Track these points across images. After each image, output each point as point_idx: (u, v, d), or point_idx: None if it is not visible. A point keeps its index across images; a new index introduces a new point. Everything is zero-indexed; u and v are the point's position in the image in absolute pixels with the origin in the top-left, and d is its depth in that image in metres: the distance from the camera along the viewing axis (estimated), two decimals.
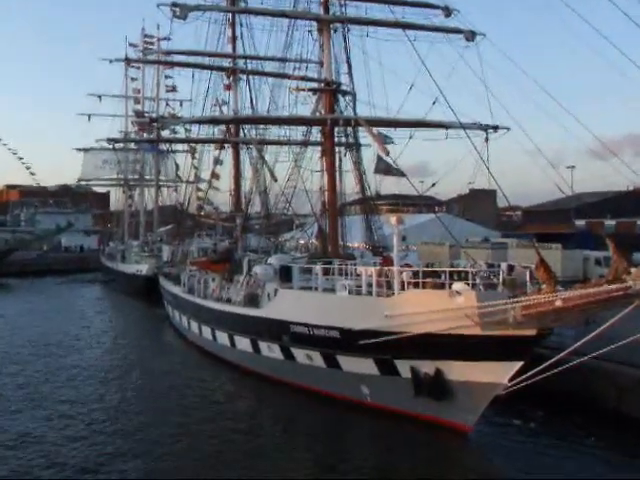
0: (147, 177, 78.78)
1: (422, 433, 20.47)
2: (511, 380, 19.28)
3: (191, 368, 30.47)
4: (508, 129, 29.32)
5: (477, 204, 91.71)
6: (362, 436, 21.31)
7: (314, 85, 31.93)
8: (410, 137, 29.05)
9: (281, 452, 19.33)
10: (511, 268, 22.27)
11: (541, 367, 18.51)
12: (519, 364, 19.16)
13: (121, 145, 69.82)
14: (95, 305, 56.01)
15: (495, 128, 29.46)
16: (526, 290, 19.84)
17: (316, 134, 31.92)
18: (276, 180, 32.29)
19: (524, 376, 18.93)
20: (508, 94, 25.91)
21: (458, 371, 20.14)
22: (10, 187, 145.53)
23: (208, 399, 24.89)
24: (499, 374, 19.40)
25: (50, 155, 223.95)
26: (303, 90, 31.20)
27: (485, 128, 29.33)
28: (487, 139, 28.79)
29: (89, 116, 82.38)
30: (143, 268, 63.05)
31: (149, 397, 25.28)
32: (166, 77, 70.29)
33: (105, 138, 58.65)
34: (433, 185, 30.30)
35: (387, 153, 25.51)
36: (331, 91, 30.73)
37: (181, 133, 55.33)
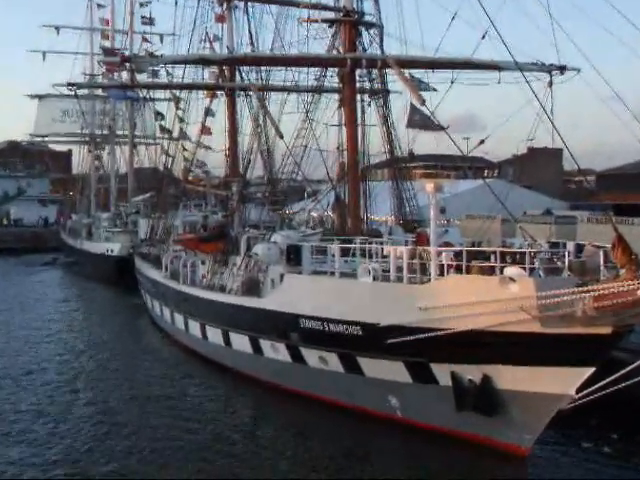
0: (119, 132, 79.12)
1: (465, 457, 20.58)
2: (579, 391, 19.30)
3: (175, 374, 30.78)
4: (578, 70, 29.13)
5: (538, 167, 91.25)
6: (391, 461, 21.41)
7: (330, 15, 31.77)
8: (452, 82, 28.90)
9: None
10: (580, 248, 22.20)
11: (618, 374, 18.50)
12: (589, 371, 19.17)
13: (85, 91, 70.14)
14: (53, 294, 56.66)
15: (562, 69, 29.25)
16: (599, 276, 19.78)
17: (332, 78, 31.87)
18: (282, 137, 32.19)
19: (596, 386, 18.88)
20: (579, 26, 25.65)
21: (511, 379, 20.18)
22: None
23: (197, 415, 25.06)
24: (564, 383, 19.42)
25: None
26: (316, 22, 31.07)
27: (549, 69, 29.12)
28: (551, 83, 28.61)
29: (44, 54, 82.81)
30: (114, 247, 63.52)
31: (120, 415, 25.22)
32: (141, 4, 70.32)
33: (65, 82, 58.55)
34: (481, 142, 30.20)
35: (422, 102, 25.28)
36: (352, 23, 30.56)
37: (162, 77, 55.28)
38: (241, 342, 29.20)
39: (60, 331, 40.19)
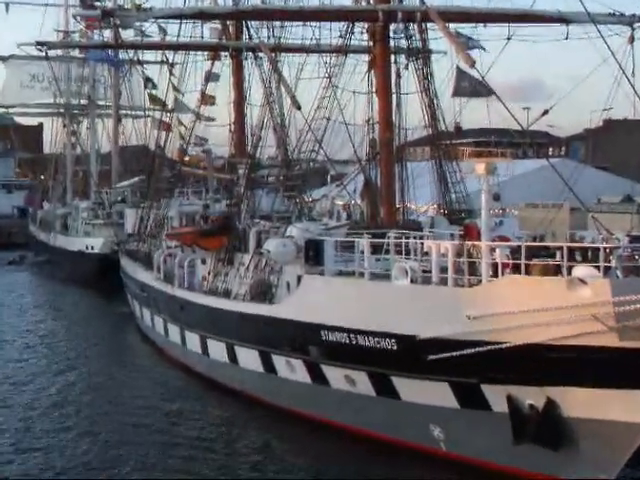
0: (100, 102, 79.50)
1: None
2: None
3: (169, 399, 31.00)
4: None
5: (615, 143, 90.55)
6: None
7: None
8: (508, 39, 28.88)
9: None
10: None
11: None
12: None
13: (59, 52, 70.41)
14: (19, 302, 56.90)
15: None
16: None
17: (361, 35, 31.86)
18: (299, 107, 32.24)
19: None
20: None
21: (582, 404, 20.17)
22: None
23: (195, 447, 25.23)
24: None
25: None
26: None
27: (629, 21, 29.01)
28: (632, 39, 28.48)
29: (7, 5, 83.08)
30: (95, 243, 63.93)
31: (110, 452, 25.43)
32: None
33: (33, 41, 58.83)
34: (545, 113, 30.13)
35: (472, 64, 25.21)
36: None
37: (153, 35, 55.36)
38: (250, 359, 29.37)
39: (28, 348, 40.49)
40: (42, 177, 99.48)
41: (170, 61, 51.31)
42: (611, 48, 23.79)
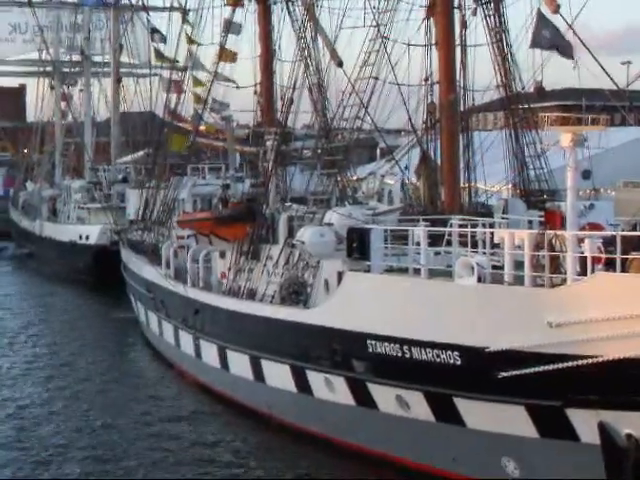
0: (96, 58, 79.92)
1: None
2: None
3: (181, 422, 31.33)
4: None
5: None
6: None
7: None
8: None
9: None
10: None
11: None
12: None
13: None
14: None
15: None
16: None
17: None
18: (341, 64, 32.37)
19: None
20: None
21: None
22: None
23: None
24: None
25: None
26: None
27: None
28: None
29: None
30: (91, 232, 64.45)
31: None
32: None
33: None
34: None
35: (556, 8, 25.17)
36: None
37: None
38: (279, 375, 29.55)
39: (11, 364, 40.97)
40: (25, 151, 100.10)
41: (183, 7, 51.45)
42: None
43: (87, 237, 64.77)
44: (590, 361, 20.13)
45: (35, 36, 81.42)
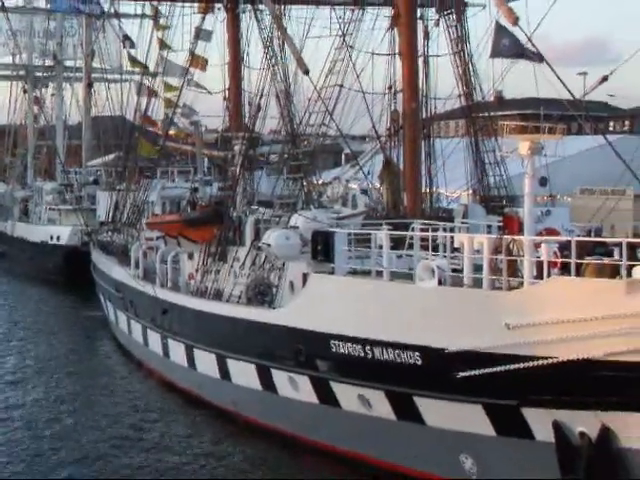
0: (68, 63, 79.61)
1: None
2: None
3: (148, 420, 31.17)
4: None
5: None
6: None
7: None
8: None
9: None
10: None
11: None
12: None
13: (19, 2, 70.59)
14: None
15: None
16: None
17: None
18: (307, 72, 32.32)
19: None
20: None
21: None
22: None
23: None
24: None
25: None
26: None
27: None
28: None
29: None
30: (62, 233, 64.22)
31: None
32: None
33: None
34: (604, 80, 30.00)
35: (515, 20, 25.26)
36: None
37: None
38: (245, 374, 29.52)
39: None
40: None
41: (155, 9, 51.28)
42: None
43: (58, 238, 64.59)
44: (545, 362, 20.24)
45: (8, 40, 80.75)
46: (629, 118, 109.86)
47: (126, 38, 65.86)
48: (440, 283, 22.65)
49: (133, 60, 62.26)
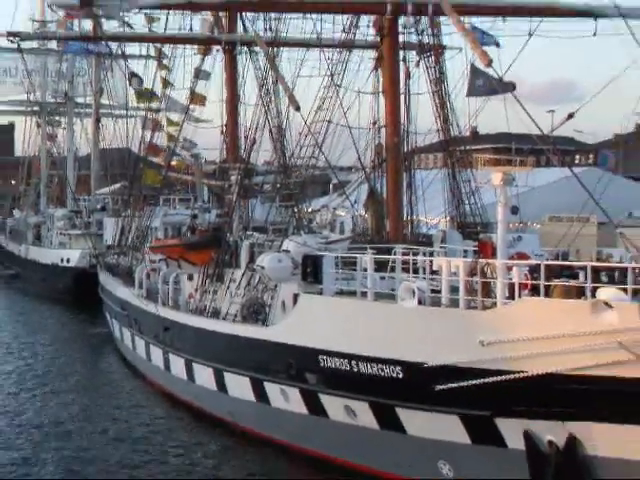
0: (79, 100, 79.68)
1: None
2: None
3: (151, 430, 31.00)
4: None
5: None
6: None
7: None
8: (530, 34, 28.97)
9: None
10: None
11: None
12: None
13: (34, 44, 70.63)
14: None
15: None
16: None
17: (367, 29, 32.02)
18: (298, 108, 32.30)
19: None
20: None
21: (606, 441, 20.13)
22: None
23: None
24: None
25: None
26: None
27: None
28: None
29: None
30: (72, 256, 64.10)
31: None
32: None
33: (4, 32, 58.86)
34: (570, 117, 30.19)
35: (489, 62, 25.30)
36: None
37: (138, 25, 55.45)
38: (240, 386, 29.39)
39: None
40: (13, 182, 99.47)
41: (159, 52, 51.37)
42: None
43: (68, 260, 64.50)
44: (516, 376, 20.21)
45: (24, 79, 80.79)
46: (593, 152, 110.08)
47: (133, 75, 65.78)
48: (420, 303, 22.60)
49: (139, 95, 62.33)
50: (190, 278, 35.77)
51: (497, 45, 29.40)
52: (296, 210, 33.92)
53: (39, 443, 29.24)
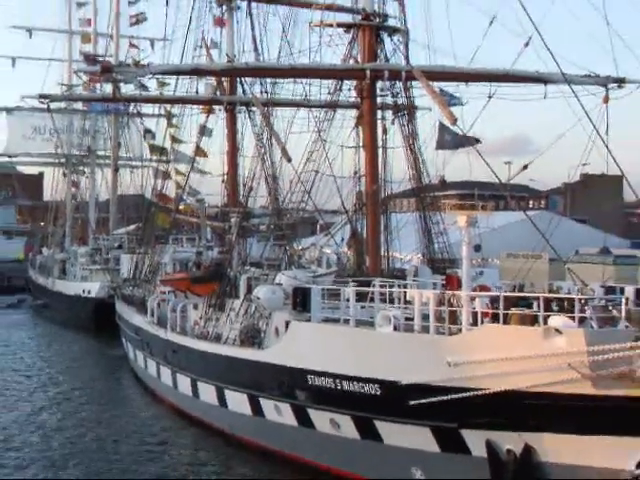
0: (100, 153, 79.75)
1: None
2: None
3: (158, 439, 30.78)
4: None
5: (593, 197, 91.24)
6: None
7: (347, 18, 32.11)
8: (489, 97, 29.13)
9: None
10: None
11: None
12: None
13: (61, 105, 70.72)
14: (14, 344, 56.23)
15: (620, 82, 29.40)
16: None
17: (349, 92, 32.15)
18: (290, 160, 32.42)
19: None
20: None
21: (557, 450, 20.09)
22: None
23: None
24: (621, 456, 19.27)
25: None
26: (330, 26, 31.41)
27: (604, 82, 29.29)
28: (607, 99, 28.71)
29: (13, 60, 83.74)
30: (92, 288, 63.79)
31: None
32: (129, 3, 70.96)
33: (36, 94, 58.97)
34: (524, 168, 30.25)
35: (454, 121, 25.45)
36: (372, 28, 30.94)
37: (152, 88, 55.60)
38: (239, 402, 29.21)
39: (22, 388, 40.22)
40: (42, 224, 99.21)
41: (169, 113, 51.51)
42: (587, 107, 24.03)
43: (89, 292, 64.27)
44: (479, 393, 20.18)
45: (52, 135, 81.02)
46: (545, 198, 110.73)
47: (147, 131, 66.11)
48: (395, 329, 22.62)
49: (152, 148, 62.44)
50: (195, 307, 35.64)
51: (461, 104, 29.47)
52: (288, 248, 33.99)
53: (63, 445, 29.48)
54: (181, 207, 49.39)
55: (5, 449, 28.85)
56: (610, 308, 20.85)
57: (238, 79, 42.14)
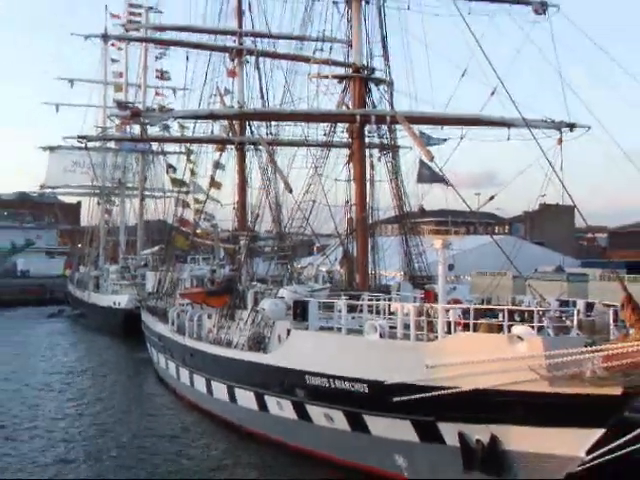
0: (129, 185, 79.76)
1: None
2: (590, 452, 19.14)
3: (177, 430, 30.71)
4: (588, 128, 29.34)
5: (549, 224, 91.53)
6: None
7: (340, 71, 32.23)
8: (461, 138, 29.20)
9: None
10: (590, 306, 22.17)
11: (630, 436, 18.39)
12: (599, 432, 19.06)
13: (96, 144, 70.85)
14: (55, 347, 56.37)
15: (571, 126, 29.51)
16: (609, 336, 19.72)
17: (342, 133, 32.22)
18: (291, 191, 32.49)
19: (606, 448, 18.78)
20: (588, 83, 25.99)
21: (519, 439, 20.05)
22: None
23: (201, 465, 25.51)
24: (573, 445, 19.28)
25: (6, 154, 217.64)
26: (326, 77, 31.53)
27: (558, 126, 29.39)
28: (561, 140, 28.82)
29: (57, 106, 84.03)
30: (122, 300, 63.68)
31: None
32: (156, 58, 71.25)
33: (75, 135, 59.08)
34: (491, 199, 30.29)
35: (431, 158, 25.51)
36: (361, 79, 31.01)
37: (174, 129, 55.72)
38: (247, 398, 29.10)
39: (63, 385, 40.28)
40: (79, 245, 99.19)
41: (188, 150, 51.72)
42: (543, 148, 24.10)
43: (119, 303, 64.21)
44: (453, 391, 20.18)
45: (88, 170, 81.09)
46: (508, 224, 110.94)
47: (169, 166, 66.10)
48: (381, 336, 22.61)
49: (175, 181, 62.44)
50: (210, 317, 35.54)
51: (444, 140, 29.54)
52: (289, 266, 34.04)
53: (93, 437, 29.47)
54: (198, 231, 49.35)
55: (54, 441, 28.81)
56: (564, 318, 20.90)
57: (247, 122, 42.25)
